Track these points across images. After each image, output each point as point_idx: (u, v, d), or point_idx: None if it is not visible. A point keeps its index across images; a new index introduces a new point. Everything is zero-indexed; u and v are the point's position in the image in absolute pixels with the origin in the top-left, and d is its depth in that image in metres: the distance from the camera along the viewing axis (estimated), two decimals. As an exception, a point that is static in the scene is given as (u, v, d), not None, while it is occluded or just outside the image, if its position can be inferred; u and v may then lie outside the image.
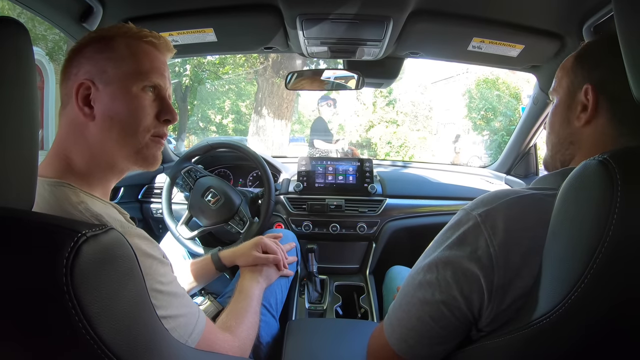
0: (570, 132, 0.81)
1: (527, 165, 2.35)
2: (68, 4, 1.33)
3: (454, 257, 0.71)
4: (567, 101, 0.82)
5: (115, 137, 0.85)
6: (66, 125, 0.86)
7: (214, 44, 1.71)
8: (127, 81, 0.85)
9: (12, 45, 0.51)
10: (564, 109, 0.83)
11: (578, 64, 0.81)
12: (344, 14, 1.41)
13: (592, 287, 0.52)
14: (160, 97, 0.91)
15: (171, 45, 0.96)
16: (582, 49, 0.83)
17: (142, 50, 0.89)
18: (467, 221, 0.72)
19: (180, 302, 0.85)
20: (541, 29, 1.54)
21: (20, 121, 0.52)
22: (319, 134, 5.58)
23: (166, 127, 0.92)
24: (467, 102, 15.34)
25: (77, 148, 0.84)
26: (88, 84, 0.83)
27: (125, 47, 0.87)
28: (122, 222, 0.81)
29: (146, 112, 0.87)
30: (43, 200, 0.75)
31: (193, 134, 15.61)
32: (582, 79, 0.78)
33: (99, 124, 0.84)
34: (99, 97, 0.83)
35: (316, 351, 1.27)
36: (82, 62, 0.85)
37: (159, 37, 0.93)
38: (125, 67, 0.86)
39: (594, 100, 0.75)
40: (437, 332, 0.73)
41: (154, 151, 0.91)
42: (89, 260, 0.46)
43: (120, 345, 0.49)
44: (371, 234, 2.02)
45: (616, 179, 0.50)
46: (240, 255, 1.42)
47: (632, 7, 0.55)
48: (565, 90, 0.83)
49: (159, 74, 0.90)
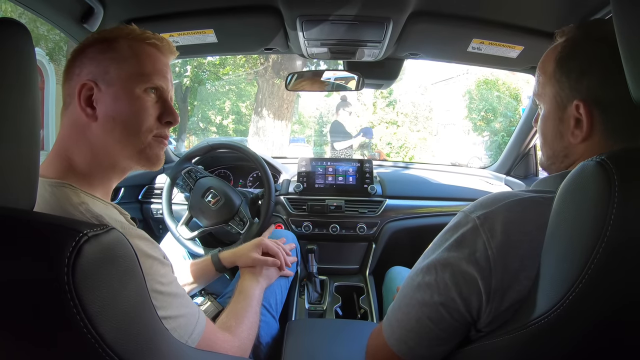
0: (564, 146, 0.79)
1: (526, 166, 2.35)
2: (69, 5, 1.33)
3: (453, 259, 0.71)
4: (557, 113, 0.79)
5: (118, 137, 0.86)
6: (68, 125, 0.86)
7: (214, 44, 1.72)
8: (129, 82, 0.86)
9: (14, 46, 0.51)
10: (555, 121, 0.80)
11: (560, 70, 0.77)
12: (344, 15, 1.41)
13: (590, 287, 0.52)
14: (162, 99, 0.91)
15: (174, 48, 0.96)
16: (562, 51, 0.79)
17: (145, 52, 0.90)
18: (465, 223, 0.72)
19: (180, 302, 0.85)
20: (541, 30, 1.54)
21: (21, 121, 0.52)
22: (338, 136, 5.73)
23: (168, 128, 0.93)
24: (467, 103, 15.33)
25: (79, 148, 0.85)
26: (91, 84, 0.84)
27: (128, 49, 0.88)
28: (122, 223, 0.81)
29: (148, 114, 0.88)
30: (44, 200, 0.75)
31: (193, 134, 15.60)
32: (570, 92, 0.76)
33: (101, 124, 0.84)
34: (102, 97, 0.84)
35: (316, 351, 1.27)
36: (84, 62, 0.86)
37: (162, 40, 0.93)
38: (127, 68, 0.86)
39: (588, 118, 0.73)
40: (437, 333, 0.73)
41: (157, 151, 0.92)
42: (90, 260, 0.46)
43: (121, 344, 0.50)
44: (371, 234, 2.03)
45: (614, 180, 0.50)
46: (240, 257, 1.42)
47: (631, 7, 0.55)
48: (552, 101, 0.80)
49: (161, 76, 0.91)
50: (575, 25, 0.80)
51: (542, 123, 0.85)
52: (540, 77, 0.83)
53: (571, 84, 0.75)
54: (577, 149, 0.77)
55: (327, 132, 6.44)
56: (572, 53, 0.77)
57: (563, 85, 0.77)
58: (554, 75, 0.79)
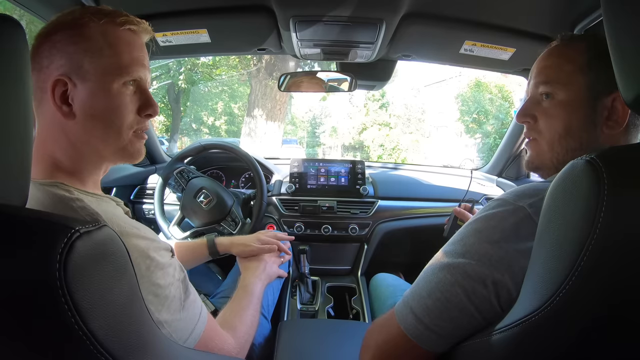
0: (596, 136, 0.79)
1: (518, 167, 2.38)
2: (62, 3, 1.32)
3: (504, 250, 0.69)
4: (590, 102, 0.79)
5: (100, 135, 0.82)
6: (45, 124, 0.82)
7: (207, 44, 1.72)
8: (106, 77, 0.80)
9: (7, 43, 0.51)
10: (586, 110, 0.79)
11: (599, 62, 0.77)
12: (337, 16, 1.42)
13: (579, 285, 0.52)
14: (140, 89, 0.87)
15: (149, 28, 0.90)
16: (597, 43, 0.79)
17: (121, 40, 0.83)
18: (514, 212, 0.71)
19: (178, 305, 0.83)
20: (532, 33, 1.56)
21: (13, 118, 0.52)
22: None
23: (148, 121, 0.90)
24: (460, 105, 15.44)
25: (61, 147, 0.81)
26: (64, 80, 0.78)
27: (101, 36, 0.81)
28: (123, 219, 0.79)
29: (128, 110, 0.84)
30: (37, 201, 0.73)
31: (185, 135, 15.60)
32: (608, 83, 0.75)
33: (80, 122, 0.80)
34: (77, 94, 0.79)
35: (308, 352, 1.27)
36: (53, 53, 0.79)
37: (137, 22, 0.87)
38: (103, 61, 0.80)
39: (625, 110, 0.74)
40: (468, 308, 0.70)
41: (138, 146, 0.88)
42: (82, 256, 0.46)
43: (113, 341, 0.49)
44: (363, 235, 2.03)
45: (603, 178, 0.51)
46: (238, 244, 1.43)
47: (621, 11, 0.56)
48: (582, 90, 0.80)
49: (139, 65, 0.85)
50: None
51: (561, 111, 0.83)
52: (563, 65, 0.83)
53: (609, 78, 0.75)
54: (611, 139, 0.78)
55: (320, 133, 6.43)
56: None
57: (599, 76, 0.78)
58: (589, 67, 0.79)
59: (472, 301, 0.70)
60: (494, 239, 0.71)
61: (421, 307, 0.75)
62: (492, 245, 0.70)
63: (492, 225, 0.72)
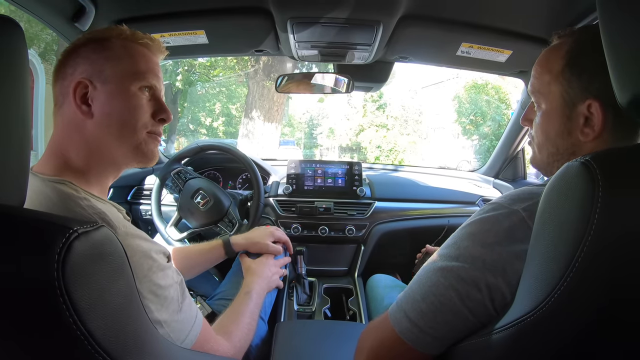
0: (572, 143, 0.79)
1: (514, 169, 2.38)
2: (61, 4, 1.33)
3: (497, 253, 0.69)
4: (565, 111, 0.79)
5: (115, 134, 0.87)
6: (62, 124, 0.87)
7: (205, 46, 1.72)
8: (125, 80, 0.88)
9: (6, 43, 0.51)
10: (562, 119, 0.80)
11: (571, 70, 0.77)
12: (334, 18, 1.42)
13: (574, 286, 0.53)
14: (155, 98, 0.93)
15: (163, 47, 0.98)
16: (573, 50, 0.79)
17: (138, 52, 0.91)
18: (508, 216, 0.71)
19: (176, 306, 0.85)
20: (529, 35, 1.56)
21: (12, 119, 0.52)
22: None
23: (161, 126, 0.95)
24: (457, 106, 15.46)
25: (75, 146, 0.86)
26: (86, 82, 0.84)
27: (122, 48, 0.89)
28: (124, 222, 0.82)
29: (144, 111, 0.90)
30: (46, 197, 0.76)
31: (183, 136, 15.57)
32: (581, 91, 0.76)
33: (97, 121, 0.85)
34: (97, 95, 0.85)
35: (305, 353, 1.27)
36: (78, 62, 0.86)
37: (153, 40, 0.95)
38: (122, 66, 0.88)
39: (602, 118, 0.73)
40: (462, 312, 0.70)
41: (152, 147, 0.93)
42: (80, 256, 0.46)
43: (111, 341, 0.50)
44: (360, 236, 2.03)
45: (597, 180, 0.51)
46: (255, 243, 1.48)
47: (617, 14, 0.56)
48: (558, 99, 0.80)
49: (154, 74, 0.93)
50: (583, 27, 0.81)
51: (543, 120, 0.85)
52: (543, 75, 0.83)
53: (582, 83, 0.76)
54: (587, 146, 0.77)
55: (317, 135, 6.45)
56: (583, 53, 0.77)
57: (572, 84, 0.77)
58: (563, 74, 0.79)
59: (466, 305, 0.70)
60: (488, 242, 0.71)
61: (415, 311, 0.75)
62: (485, 249, 0.71)
63: (486, 229, 0.73)
